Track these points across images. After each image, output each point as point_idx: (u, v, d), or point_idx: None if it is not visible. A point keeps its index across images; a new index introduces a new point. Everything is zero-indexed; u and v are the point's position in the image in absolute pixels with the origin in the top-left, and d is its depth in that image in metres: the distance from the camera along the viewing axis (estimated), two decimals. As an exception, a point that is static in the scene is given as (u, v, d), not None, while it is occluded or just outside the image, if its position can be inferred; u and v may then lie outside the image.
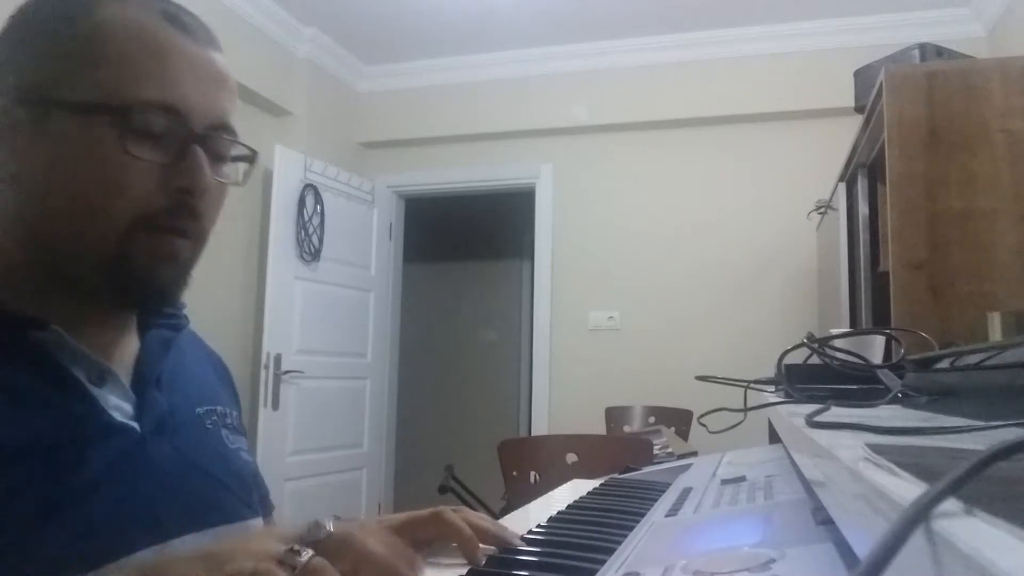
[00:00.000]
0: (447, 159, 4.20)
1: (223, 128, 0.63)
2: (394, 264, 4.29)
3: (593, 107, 3.91)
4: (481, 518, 0.67)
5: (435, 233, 5.34)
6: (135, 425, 0.61)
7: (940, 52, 2.06)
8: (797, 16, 3.54)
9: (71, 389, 0.58)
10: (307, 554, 0.48)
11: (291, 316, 3.53)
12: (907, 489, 0.25)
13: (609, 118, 3.91)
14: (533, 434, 3.78)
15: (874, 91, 1.97)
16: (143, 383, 0.64)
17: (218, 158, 0.63)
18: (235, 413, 0.78)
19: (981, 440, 0.43)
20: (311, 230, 3.63)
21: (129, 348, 0.66)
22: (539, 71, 3.98)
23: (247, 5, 3.37)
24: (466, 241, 5.54)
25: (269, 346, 3.40)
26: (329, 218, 3.72)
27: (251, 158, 0.68)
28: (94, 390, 0.59)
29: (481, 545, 0.63)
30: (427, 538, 0.65)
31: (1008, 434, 0.43)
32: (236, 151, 0.66)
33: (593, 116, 3.92)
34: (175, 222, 0.60)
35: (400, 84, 4.21)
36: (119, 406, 0.61)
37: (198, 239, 0.63)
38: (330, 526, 0.51)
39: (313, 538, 0.50)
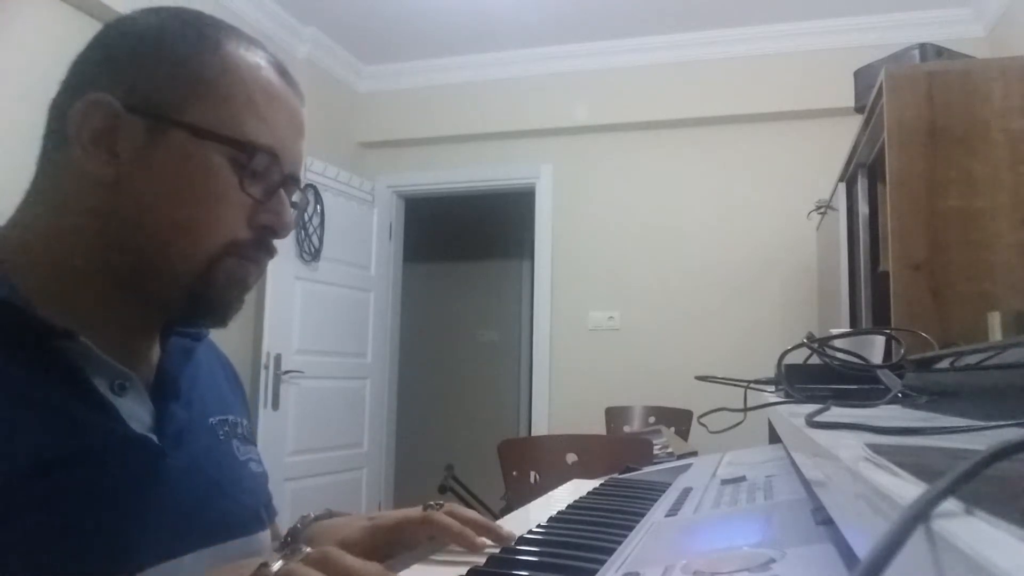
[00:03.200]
0: (447, 159, 4.20)
1: (297, 177, 0.68)
2: (394, 264, 4.29)
3: (593, 107, 3.91)
4: (468, 512, 0.68)
5: (435, 233, 5.34)
6: (153, 437, 0.61)
7: (940, 52, 2.06)
8: (797, 16, 3.54)
9: (92, 400, 0.58)
10: (277, 567, 0.48)
11: (291, 316, 3.53)
12: (907, 489, 0.25)
13: (609, 118, 3.91)
14: (533, 434, 3.78)
15: (874, 91, 1.97)
16: (163, 393, 0.65)
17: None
18: (245, 422, 0.78)
19: (981, 440, 0.43)
20: (311, 230, 3.63)
21: (151, 355, 0.67)
22: (539, 71, 3.98)
23: (247, 5, 3.37)
24: (466, 241, 5.54)
25: (269, 346, 3.40)
26: (329, 218, 3.72)
27: (302, 205, 0.73)
28: (115, 400, 0.60)
29: (481, 539, 0.64)
30: (421, 538, 0.65)
31: (1008, 434, 0.43)
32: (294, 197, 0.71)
33: (593, 116, 3.92)
34: (255, 253, 0.65)
35: (400, 84, 4.21)
36: (138, 416, 0.61)
37: (263, 269, 0.68)
38: (305, 548, 0.51)
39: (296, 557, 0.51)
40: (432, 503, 0.72)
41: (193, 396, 0.70)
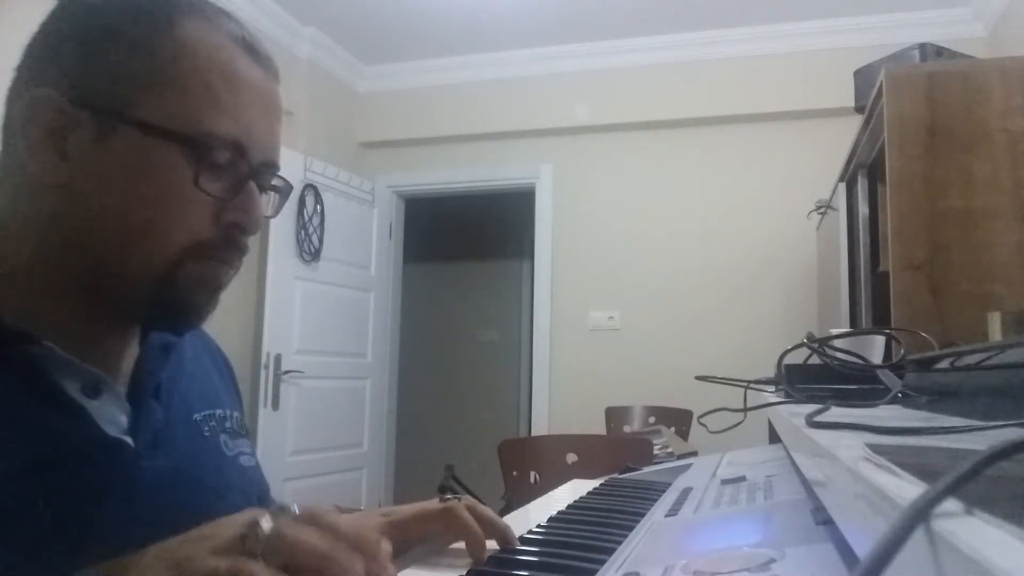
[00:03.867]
0: (447, 159, 4.20)
1: (272, 164, 0.63)
2: (394, 264, 4.29)
3: (593, 107, 3.91)
4: (488, 512, 0.67)
5: (435, 233, 5.34)
6: (128, 440, 0.59)
7: (940, 52, 2.06)
8: (797, 16, 3.54)
9: (63, 405, 0.56)
10: (267, 524, 0.45)
11: (291, 316, 3.53)
12: (907, 489, 0.25)
13: (609, 118, 3.91)
14: (533, 434, 3.78)
15: (874, 91, 1.97)
16: (140, 392, 0.63)
17: (262, 190, 0.64)
18: (235, 414, 0.76)
19: (981, 440, 0.43)
20: (311, 230, 3.63)
21: (129, 354, 0.65)
22: (539, 71, 3.98)
23: (247, 5, 3.37)
24: (466, 241, 5.54)
25: (269, 346, 3.40)
26: (329, 218, 3.72)
27: (285, 191, 0.68)
28: (88, 403, 0.57)
29: (489, 543, 0.63)
30: (434, 532, 0.65)
31: (1008, 434, 0.43)
32: (274, 181, 0.67)
33: (593, 116, 3.92)
34: (222, 253, 0.61)
35: (400, 84, 4.21)
36: (114, 419, 0.59)
37: (237, 267, 0.64)
38: (265, 525, 0.46)
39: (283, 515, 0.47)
40: (448, 496, 0.69)
41: (174, 393, 0.67)
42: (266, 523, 0.46)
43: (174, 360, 0.69)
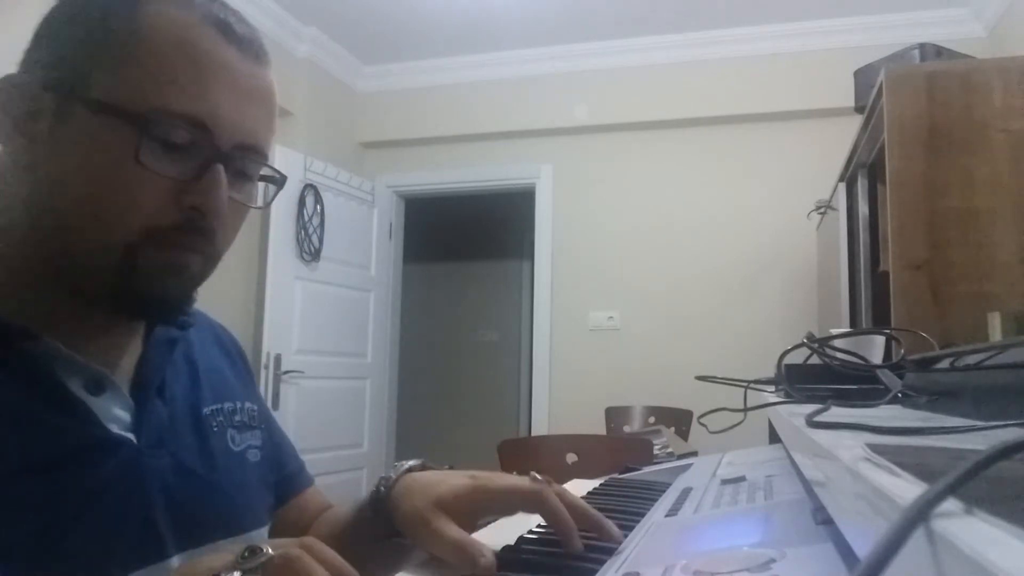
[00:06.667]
0: (447, 159, 4.20)
1: (252, 148, 0.60)
2: (394, 264, 4.29)
3: (593, 107, 3.91)
4: (578, 500, 0.63)
5: (435, 233, 5.34)
6: (132, 437, 0.59)
7: (940, 52, 2.06)
8: (797, 16, 3.54)
9: (66, 403, 0.55)
10: (263, 556, 0.43)
11: (291, 316, 3.53)
12: (907, 489, 0.25)
13: (609, 118, 3.91)
14: (533, 434, 3.78)
15: (874, 91, 1.97)
16: (144, 390, 0.62)
17: (243, 177, 0.61)
18: (247, 405, 0.74)
19: (981, 440, 0.43)
20: (311, 230, 3.63)
21: (131, 351, 0.64)
22: (539, 71, 3.98)
23: (247, 5, 3.37)
24: (466, 241, 5.54)
25: (269, 346, 3.40)
26: (329, 218, 3.72)
27: (279, 181, 0.66)
28: (91, 400, 0.57)
29: (579, 543, 0.60)
30: (518, 509, 0.63)
31: (1008, 434, 0.43)
32: (264, 171, 0.64)
33: (593, 116, 3.92)
34: (185, 239, 0.57)
35: (400, 84, 4.21)
36: (117, 416, 0.59)
37: (210, 256, 0.61)
38: (268, 550, 0.44)
39: (252, 564, 0.44)
40: (537, 474, 0.65)
41: (180, 387, 0.67)
42: (259, 551, 0.44)
43: (179, 355, 0.68)
